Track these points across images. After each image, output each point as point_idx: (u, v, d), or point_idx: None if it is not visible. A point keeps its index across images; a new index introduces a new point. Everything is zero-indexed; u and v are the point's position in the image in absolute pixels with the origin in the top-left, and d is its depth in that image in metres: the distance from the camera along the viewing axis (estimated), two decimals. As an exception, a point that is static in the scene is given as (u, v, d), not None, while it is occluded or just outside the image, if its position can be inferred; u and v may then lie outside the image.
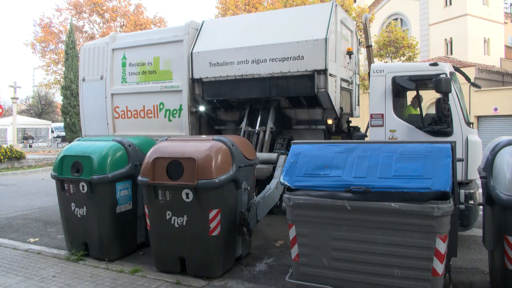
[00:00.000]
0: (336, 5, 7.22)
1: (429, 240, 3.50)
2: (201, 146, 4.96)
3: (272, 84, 7.34)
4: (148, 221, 5.13)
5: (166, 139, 5.46)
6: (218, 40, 7.87)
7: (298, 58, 7.00)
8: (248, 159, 5.39)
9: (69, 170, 5.55)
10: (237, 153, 5.11)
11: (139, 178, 5.08)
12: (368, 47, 8.37)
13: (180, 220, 4.85)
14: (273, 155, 6.96)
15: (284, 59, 7.12)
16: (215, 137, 5.20)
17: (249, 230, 5.18)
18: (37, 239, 6.79)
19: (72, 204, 5.59)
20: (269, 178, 6.79)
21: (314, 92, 6.97)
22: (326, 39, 6.79)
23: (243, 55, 7.45)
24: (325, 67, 6.82)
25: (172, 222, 4.88)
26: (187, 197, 4.78)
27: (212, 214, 4.74)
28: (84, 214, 5.52)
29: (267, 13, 10.29)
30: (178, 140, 5.47)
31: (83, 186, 5.45)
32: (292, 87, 7.20)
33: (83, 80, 9.19)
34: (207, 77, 7.81)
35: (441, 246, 3.48)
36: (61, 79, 29.03)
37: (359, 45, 9.73)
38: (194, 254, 4.88)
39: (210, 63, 7.74)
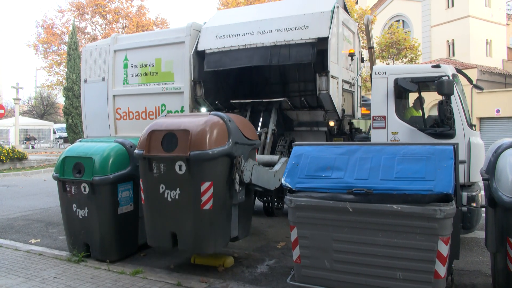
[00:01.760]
0: (338, 7, 7.21)
1: (431, 242, 3.49)
2: (197, 120, 4.97)
3: (274, 53, 7.39)
4: (142, 195, 5.11)
5: (165, 116, 5.49)
6: (227, 19, 8.20)
7: (303, 28, 7.16)
8: (246, 138, 5.28)
9: (71, 171, 5.55)
10: (234, 129, 5.02)
11: (135, 151, 5.10)
12: (370, 48, 8.36)
13: (173, 193, 4.80)
14: (275, 157, 6.95)
15: (289, 29, 7.31)
16: (213, 112, 5.20)
17: (241, 180, 4.99)
18: (38, 240, 6.79)
19: (74, 205, 5.59)
20: None
21: (313, 59, 7.07)
22: (332, 11, 7.03)
23: (249, 28, 7.64)
24: (328, 35, 6.91)
25: (165, 196, 4.84)
26: (180, 169, 4.74)
27: (204, 186, 4.67)
28: (86, 215, 5.51)
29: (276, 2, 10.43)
30: (176, 116, 5.57)
31: (84, 187, 5.45)
32: (294, 55, 7.24)
33: (85, 81, 9.20)
34: (210, 49, 7.86)
35: (443, 248, 3.47)
36: (63, 80, 29.13)
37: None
38: (186, 229, 4.80)
39: (216, 36, 7.89)
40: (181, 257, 5.75)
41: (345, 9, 8.41)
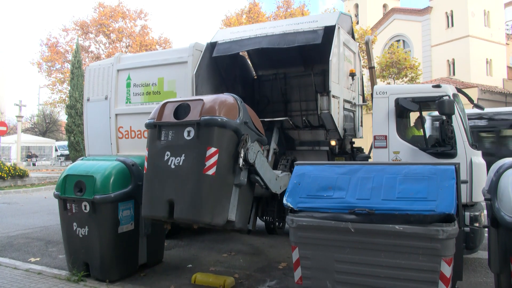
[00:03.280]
0: (339, 28, 7.31)
1: (434, 263, 3.46)
2: (211, 95, 5.29)
3: (282, 38, 7.66)
4: (146, 164, 5.17)
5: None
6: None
7: (312, 21, 7.57)
8: (255, 126, 5.45)
9: (72, 189, 5.54)
10: (244, 110, 5.22)
11: (146, 121, 5.26)
12: (371, 68, 8.41)
13: (177, 160, 4.86)
14: (277, 172, 6.98)
15: (298, 23, 7.78)
16: (226, 93, 5.38)
17: (245, 158, 4.98)
18: (38, 259, 6.74)
19: (74, 223, 5.57)
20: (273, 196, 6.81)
21: (320, 41, 7.19)
22: (340, 12, 7.71)
23: (262, 25, 8.35)
24: (336, 23, 7.24)
25: (169, 163, 4.89)
26: (189, 135, 4.87)
27: (209, 151, 4.73)
28: (86, 234, 5.49)
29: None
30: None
31: (85, 206, 5.44)
32: (302, 39, 7.45)
33: (88, 100, 9.26)
34: (223, 40, 8.19)
35: (446, 269, 3.44)
36: (66, 98, 29.26)
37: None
38: (185, 194, 4.76)
39: (231, 32, 8.47)
40: (182, 277, 5.70)
41: (352, 35, 8.63)
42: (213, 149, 4.74)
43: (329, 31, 7.23)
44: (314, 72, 9.08)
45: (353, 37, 8.66)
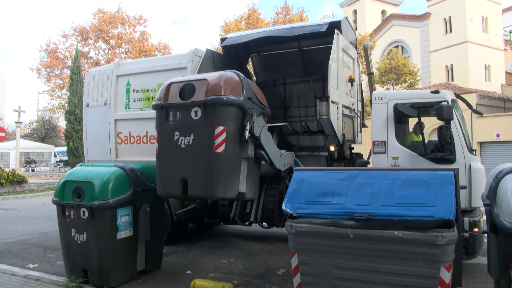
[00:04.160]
0: (338, 34, 7.33)
1: (433, 269, 3.45)
2: (214, 74, 5.47)
3: (289, 30, 8.10)
4: (156, 144, 5.38)
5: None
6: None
7: (318, 24, 7.96)
8: (259, 101, 5.63)
9: (71, 195, 5.53)
10: (248, 86, 5.34)
11: (153, 103, 5.42)
12: (370, 74, 8.43)
13: (187, 139, 5.09)
14: (282, 151, 7.12)
15: (305, 25, 8.30)
16: (229, 70, 5.53)
17: (251, 131, 5.17)
18: (36, 265, 6.71)
19: (73, 230, 5.55)
20: (276, 174, 7.05)
21: (324, 29, 7.48)
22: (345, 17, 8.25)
23: (271, 28, 8.82)
24: (341, 20, 7.68)
25: (179, 143, 5.12)
26: (196, 115, 5.06)
27: (217, 130, 4.95)
28: (84, 240, 5.47)
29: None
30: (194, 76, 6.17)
31: (84, 212, 5.42)
32: (308, 29, 7.90)
33: (87, 105, 9.27)
34: (234, 36, 8.57)
35: (446, 275, 3.43)
36: (66, 104, 29.27)
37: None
38: (197, 173, 5.03)
39: (240, 33, 8.86)
40: (181, 283, 5.68)
41: (356, 46, 8.77)
42: (220, 128, 4.96)
43: (332, 32, 7.38)
44: (314, 78, 9.11)
45: (355, 46, 8.76)
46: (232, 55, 8.77)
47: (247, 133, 5.16)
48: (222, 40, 8.72)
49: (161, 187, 5.37)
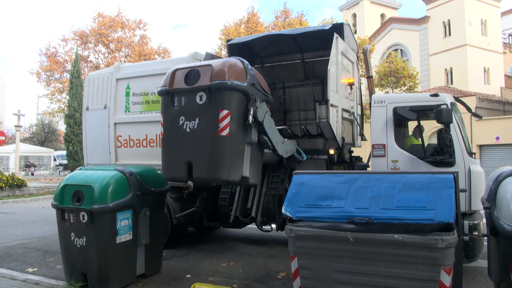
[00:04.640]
0: (337, 37, 7.35)
1: (433, 273, 3.45)
2: (218, 60, 5.67)
3: (292, 30, 8.36)
4: (162, 129, 5.54)
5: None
6: None
7: (321, 26, 8.34)
8: (262, 88, 5.72)
9: (70, 199, 5.52)
10: (251, 73, 5.45)
11: (158, 89, 5.58)
12: (369, 77, 8.44)
13: (192, 124, 5.21)
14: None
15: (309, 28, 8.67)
16: (233, 56, 5.72)
17: (255, 116, 5.29)
18: (35, 269, 6.70)
19: (72, 233, 5.54)
20: (279, 162, 7.22)
21: (327, 27, 7.66)
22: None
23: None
24: (343, 23, 7.99)
25: (184, 127, 5.26)
26: (201, 100, 5.19)
27: (222, 114, 5.08)
28: (84, 244, 5.45)
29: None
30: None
31: (83, 216, 5.41)
32: (311, 29, 8.21)
33: (87, 109, 9.27)
34: (240, 38, 9.14)
35: (446, 279, 3.43)
36: (65, 108, 29.26)
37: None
38: (202, 155, 5.14)
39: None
40: (180, 287, 5.67)
41: (357, 53, 8.88)
42: (225, 112, 5.07)
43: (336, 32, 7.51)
44: (313, 82, 9.12)
45: (357, 54, 8.86)
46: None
47: (250, 118, 5.26)
48: (228, 40, 9.03)
49: (167, 171, 5.48)
